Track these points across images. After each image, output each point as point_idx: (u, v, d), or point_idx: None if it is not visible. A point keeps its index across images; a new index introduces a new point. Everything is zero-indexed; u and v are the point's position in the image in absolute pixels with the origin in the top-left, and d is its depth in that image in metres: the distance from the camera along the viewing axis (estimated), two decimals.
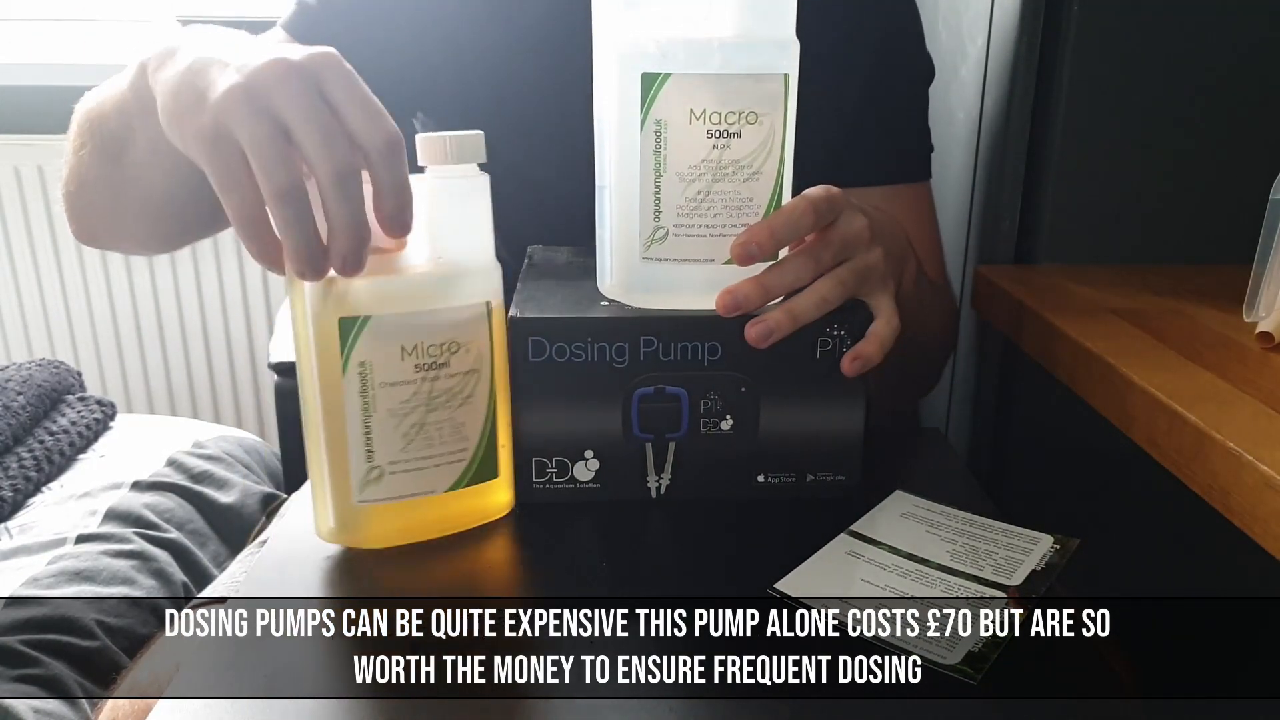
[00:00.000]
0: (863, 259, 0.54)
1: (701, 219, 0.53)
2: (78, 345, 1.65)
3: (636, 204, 0.53)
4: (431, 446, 0.51)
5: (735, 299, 0.52)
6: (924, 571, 0.51)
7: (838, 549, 0.53)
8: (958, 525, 0.56)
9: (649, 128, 0.52)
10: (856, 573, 0.51)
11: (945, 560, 0.52)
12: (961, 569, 0.52)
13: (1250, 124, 0.79)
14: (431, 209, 0.49)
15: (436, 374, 0.50)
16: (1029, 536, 0.55)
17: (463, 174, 0.50)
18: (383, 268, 0.48)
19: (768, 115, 0.52)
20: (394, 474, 0.51)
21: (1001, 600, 0.49)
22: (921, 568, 0.52)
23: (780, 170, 0.53)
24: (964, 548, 0.54)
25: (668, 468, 0.57)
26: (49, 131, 1.55)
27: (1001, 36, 0.82)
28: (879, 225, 0.56)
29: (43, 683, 0.76)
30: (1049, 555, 0.53)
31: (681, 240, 0.54)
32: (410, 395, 0.50)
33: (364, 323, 0.48)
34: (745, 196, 0.53)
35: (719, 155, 0.52)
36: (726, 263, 0.54)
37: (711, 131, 0.52)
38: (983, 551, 0.53)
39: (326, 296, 0.48)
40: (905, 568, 0.52)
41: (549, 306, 0.55)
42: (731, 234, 0.53)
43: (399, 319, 0.49)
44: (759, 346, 0.53)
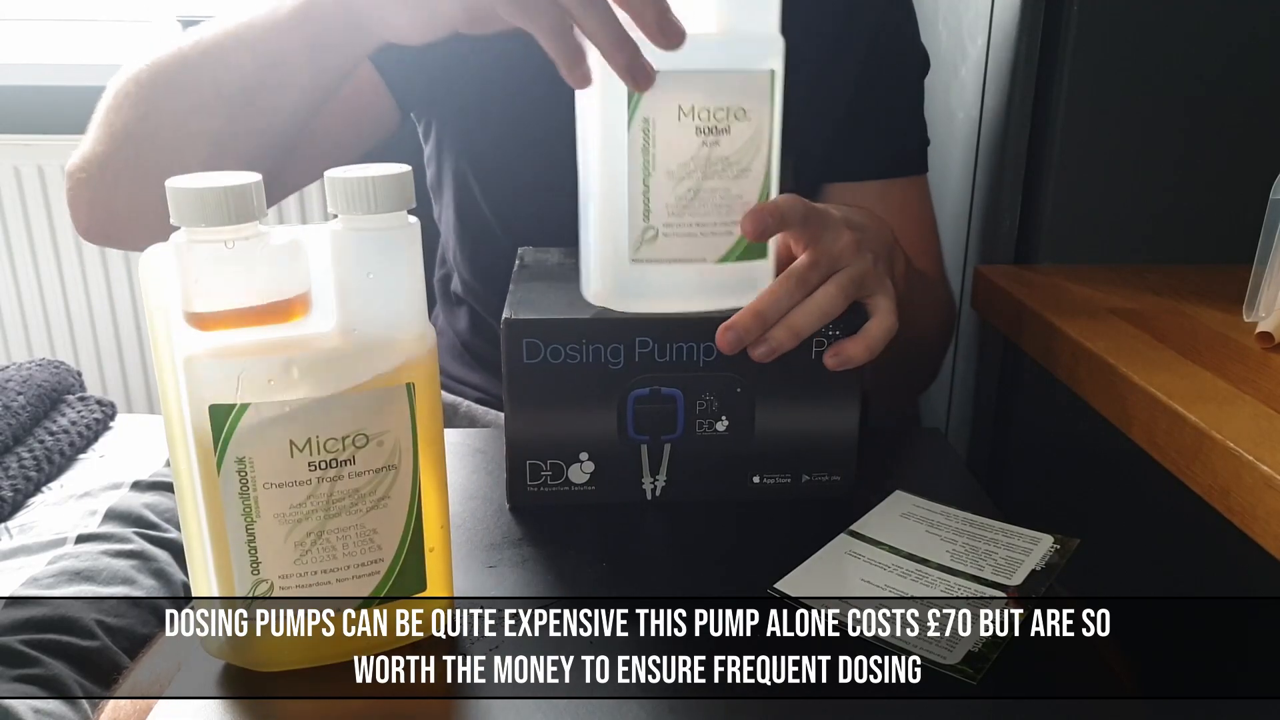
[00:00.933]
0: (856, 267, 0.55)
1: (692, 217, 0.53)
2: (78, 345, 1.65)
3: (624, 205, 0.53)
4: (334, 558, 0.43)
5: (737, 334, 0.52)
6: (924, 571, 0.51)
7: (837, 549, 0.53)
8: (958, 525, 0.56)
9: (636, 126, 0.51)
10: (856, 572, 0.51)
11: (945, 560, 0.52)
12: (961, 569, 0.52)
13: (1250, 124, 0.79)
14: (341, 269, 0.40)
15: (338, 473, 0.41)
16: (1029, 536, 0.55)
17: (386, 225, 0.40)
18: (273, 344, 0.40)
19: (756, 111, 0.52)
20: (287, 589, 0.43)
21: (1001, 600, 0.49)
22: (921, 568, 0.52)
23: (769, 166, 0.53)
24: (964, 548, 0.54)
25: (663, 469, 0.57)
26: (49, 131, 1.55)
27: (1001, 36, 0.82)
28: (863, 230, 0.56)
29: (43, 683, 0.76)
30: (1049, 555, 0.53)
31: (672, 240, 0.53)
32: (304, 498, 0.41)
33: (240, 411, 0.39)
34: (735, 193, 0.53)
35: (708, 152, 0.52)
36: (720, 261, 0.53)
37: (701, 128, 0.51)
38: (983, 551, 0.53)
39: (194, 378, 0.39)
40: (905, 568, 0.52)
41: (543, 308, 0.55)
42: (722, 231, 0.53)
43: (285, 408, 0.40)
44: (763, 362, 0.53)
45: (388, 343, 0.42)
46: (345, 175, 0.39)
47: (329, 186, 0.40)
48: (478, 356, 0.86)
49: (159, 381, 0.42)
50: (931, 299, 0.76)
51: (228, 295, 0.39)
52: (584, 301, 0.56)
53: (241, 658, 0.44)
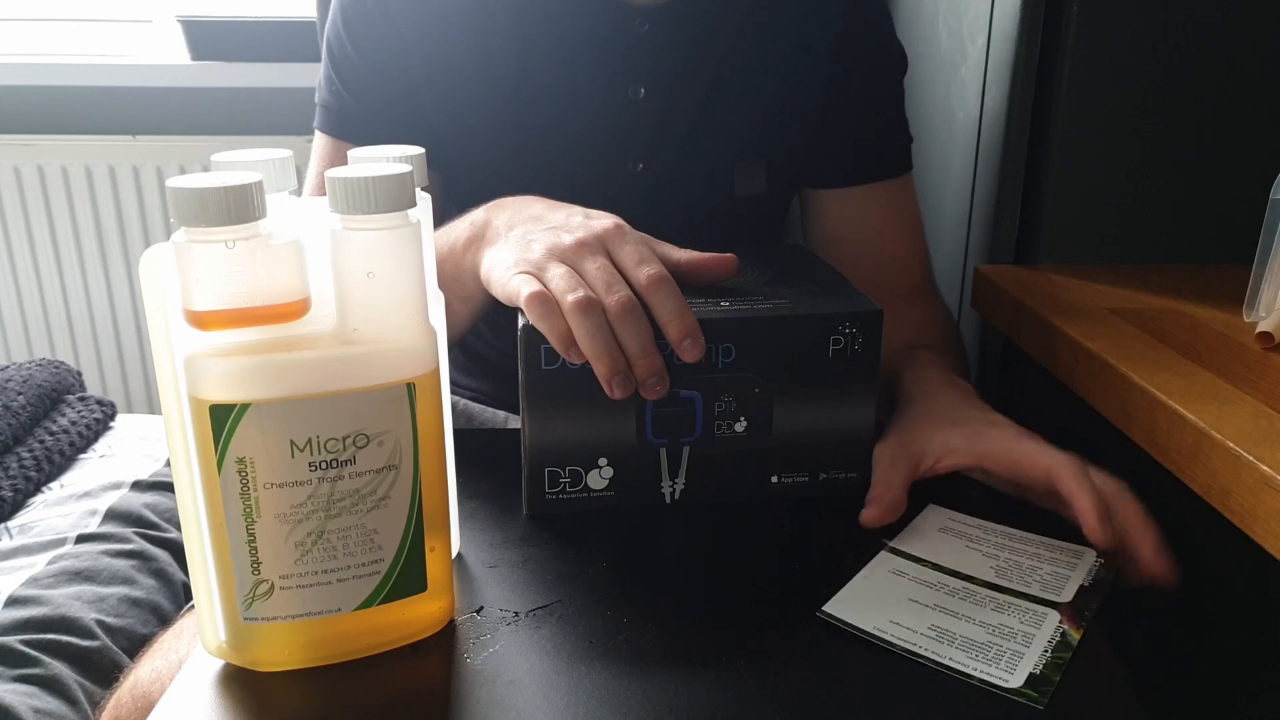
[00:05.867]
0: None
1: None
2: (78, 345, 1.65)
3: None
4: (334, 558, 0.43)
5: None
6: (970, 589, 0.50)
7: (880, 567, 0.52)
8: (997, 540, 0.54)
9: None
10: (903, 592, 0.50)
11: (990, 577, 0.51)
12: (1008, 585, 0.50)
13: (1250, 124, 0.79)
14: (341, 269, 0.40)
15: (338, 473, 0.41)
16: (1071, 550, 0.53)
17: (387, 224, 0.40)
18: (273, 344, 0.40)
19: None
20: (287, 589, 0.42)
21: (1055, 618, 0.48)
22: (968, 585, 0.50)
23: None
24: (1007, 563, 0.52)
25: (682, 472, 0.57)
26: (49, 131, 1.55)
27: (1001, 36, 0.82)
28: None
29: (43, 683, 0.76)
30: (1094, 570, 0.52)
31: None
32: (304, 499, 0.41)
33: (241, 411, 0.39)
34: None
35: None
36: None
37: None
38: (1027, 567, 0.52)
39: (194, 378, 0.39)
40: (952, 585, 0.50)
41: None
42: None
43: (285, 407, 0.40)
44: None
45: (388, 342, 0.41)
46: (345, 175, 0.39)
47: (329, 186, 0.39)
48: (474, 357, 0.86)
49: (159, 381, 0.41)
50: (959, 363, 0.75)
51: (228, 295, 0.39)
52: None
53: (241, 658, 0.44)
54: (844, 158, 0.78)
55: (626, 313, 0.51)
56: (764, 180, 0.77)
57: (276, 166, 0.45)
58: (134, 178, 1.55)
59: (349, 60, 0.72)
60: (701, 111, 0.74)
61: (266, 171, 0.43)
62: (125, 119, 1.57)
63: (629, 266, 0.53)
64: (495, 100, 0.72)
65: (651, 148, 0.74)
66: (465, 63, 0.71)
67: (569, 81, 0.71)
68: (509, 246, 0.56)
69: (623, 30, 0.71)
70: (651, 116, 0.73)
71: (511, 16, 0.70)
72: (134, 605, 0.86)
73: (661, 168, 0.74)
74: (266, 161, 0.44)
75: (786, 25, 0.74)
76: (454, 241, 0.61)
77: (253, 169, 0.43)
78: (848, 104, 0.77)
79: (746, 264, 0.60)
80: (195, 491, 0.42)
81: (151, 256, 0.40)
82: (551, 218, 0.57)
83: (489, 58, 0.71)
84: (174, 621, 0.66)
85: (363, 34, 0.72)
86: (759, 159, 0.77)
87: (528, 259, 0.54)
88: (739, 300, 0.56)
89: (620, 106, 0.72)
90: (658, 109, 0.73)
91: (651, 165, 0.74)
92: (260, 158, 0.44)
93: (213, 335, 0.39)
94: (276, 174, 0.44)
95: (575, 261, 0.53)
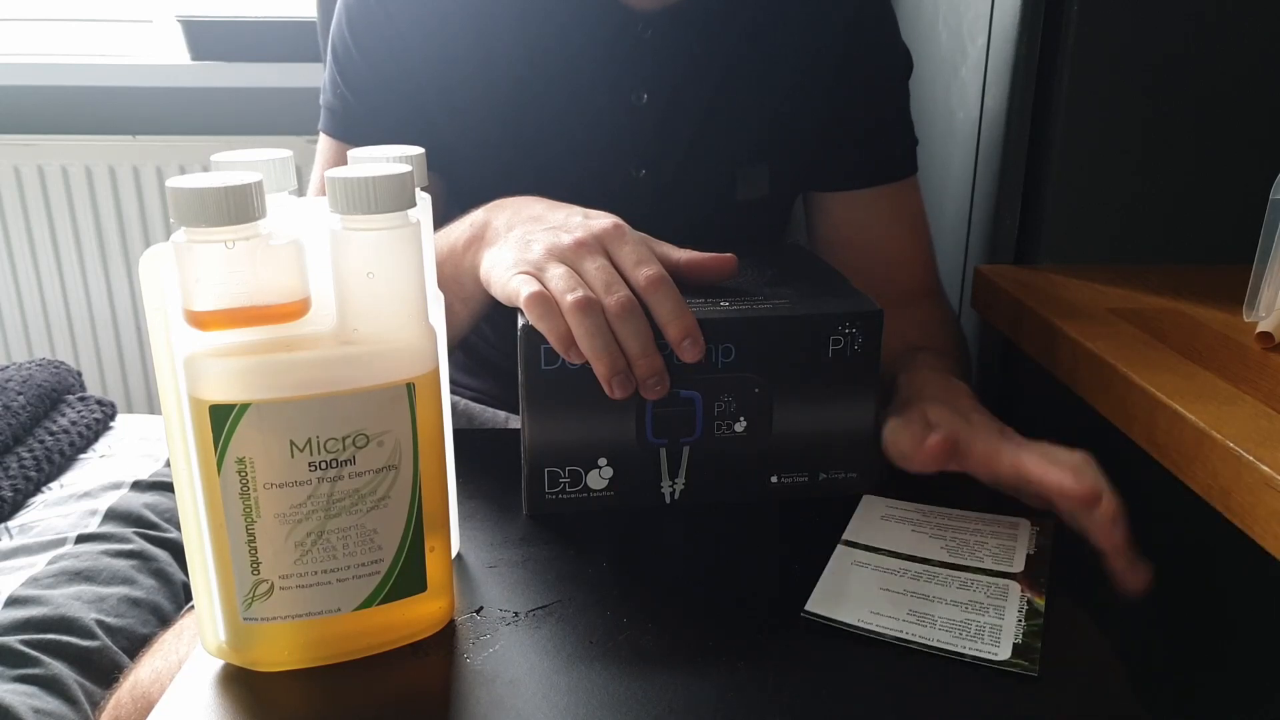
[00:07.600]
0: None
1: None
2: (78, 345, 1.65)
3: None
4: (334, 558, 0.43)
5: None
6: (931, 570, 0.51)
7: (842, 560, 0.52)
8: (938, 520, 0.56)
9: None
10: (873, 581, 0.50)
11: (944, 557, 0.52)
12: (963, 563, 0.52)
13: (1250, 124, 0.79)
14: (341, 269, 0.40)
15: (338, 473, 0.41)
16: (1009, 522, 0.56)
17: (387, 224, 0.40)
18: (273, 344, 0.40)
19: None
20: (287, 589, 0.43)
21: (1016, 588, 0.50)
22: (928, 568, 0.52)
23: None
24: (955, 541, 0.54)
25: (682, 472, 0.57)
26: (49, 131, 1.55)
27: (1001, 36, 0.82)
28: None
29: (43, 683, 0.76)
30: (1034, 537, 0.54)
31: None
32: (304, 499, 0.41)
33: (241, 411, 0.39)
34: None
35: None
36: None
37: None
38: (974, 544, 0.54)
39: (194, 378, 0.39)
40: (914, 570, 0.51)
41: None
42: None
43: (285, 407, 0.40)
44: None
45: (388, 343, 0.41)
46: (345, 175, 0.39)
47: (329, 186, 0.39)
48: (476, 357, 0.86)
49: (159, 381, 0.42)
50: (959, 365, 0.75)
51: (228, 295, 0.39)
52: None
53: (241, 658, 0.44)
54: (849, 160, 0.78)
55: (626, 313, 0.51)
56: (767, 184, 0.77)
57: (276, 166, 0.45)
58: (134, 178, 1.55)
59: (353, 64, 0.72)
60: (705, 117, 0.73)
61: (266, 171, 0.43)
62: (125, 119, 1.57)
63: (628, 266, 0.53)
64: (498, 105, 0.72)
65: (654, 153, 0.74)
66: (469, 67, 0.71)
67: (571, 86, 0.71)
68: (508, 247, 0.56)
69: (625, 35, 0.71)
70: (654, 122, 0.73)
71: (515, 21, 0.70)
72: (134, 605, 0.86)
73: (664, 173, 0.74)
74: (266, 161, 0.44)
75: (790, 29, 0.74)
76: (454, 242, 0.61)
77: (253, 169, 0.43)
78: (852, 106, 0.77)
79: (746, 264, 0.60)
80: (195, 491, 0.42)
81: (151, 256, 0.40)
82: (551, 218, 0.57)
83: (492, 62, 0.71)
84: (174, 622, 0.66)
85: (367, 37, 0.72)
86: (762, 163, 0.76)
87: (527, 259, 0.54)
88: (739, 300, 0.56)
89: (623, 112, 0.72)
90: (660, 114, 0.72)
91: (654, 171, 0.74)
92: (260, 158, 0.45)
93: (213, 335, 0.39)
94: (276, 174, 0.44)
95: (574, 261, 0.53)
